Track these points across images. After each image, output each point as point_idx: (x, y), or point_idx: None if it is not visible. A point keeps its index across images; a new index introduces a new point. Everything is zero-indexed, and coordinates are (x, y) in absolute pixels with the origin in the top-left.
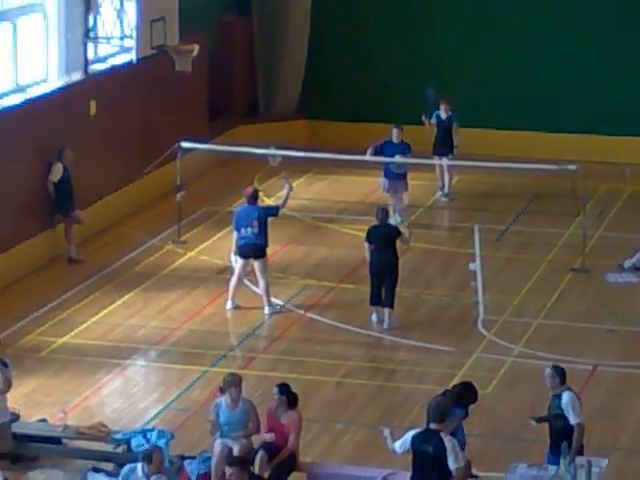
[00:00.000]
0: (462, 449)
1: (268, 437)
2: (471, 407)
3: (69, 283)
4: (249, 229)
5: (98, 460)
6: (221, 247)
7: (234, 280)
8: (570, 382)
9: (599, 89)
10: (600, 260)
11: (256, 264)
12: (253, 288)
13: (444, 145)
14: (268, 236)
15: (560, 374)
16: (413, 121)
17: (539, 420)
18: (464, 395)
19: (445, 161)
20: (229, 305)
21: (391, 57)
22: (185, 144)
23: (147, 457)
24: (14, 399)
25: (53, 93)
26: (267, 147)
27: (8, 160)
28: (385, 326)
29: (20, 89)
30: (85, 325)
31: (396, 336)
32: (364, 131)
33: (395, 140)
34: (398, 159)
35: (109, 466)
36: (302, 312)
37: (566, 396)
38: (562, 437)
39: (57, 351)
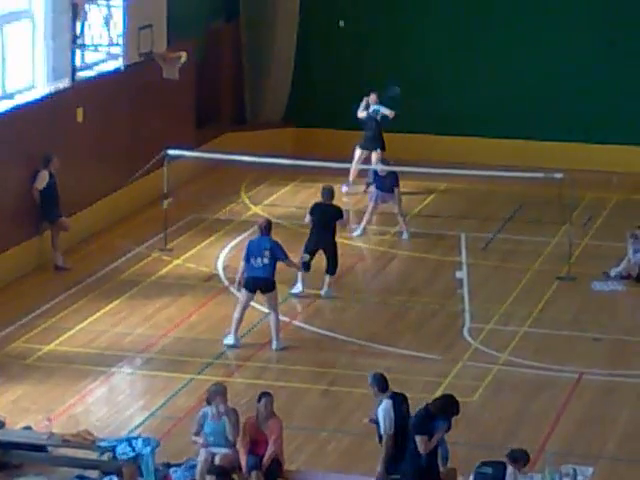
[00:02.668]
0: (446, 460)
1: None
2: (455, 416)
3: (55, 290)
4: (259, 259)
5: (83, 468)
6: (208, 255)
7: (237, 314)
8: (556, 390)
9: (585, 98)
10: (586, 268)
11: (266, 297)
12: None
13: (374, 140)
14: (275, 270)
15: (377, 383)
16: (399, 129)
17: (371, 421)
18: (447, 407)
19: (374, 155)
20: (231, 341)
21: (378, 65)
22: (172, 151)
23: (118, 472)
24: None
25: (40, 100)
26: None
27: None
28: (322, 293)
29: (7, 96)
30: (71, 332)
31: (382, 344)
32: (351, 139)
33: (381, 172)
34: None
35: (94, 474)
36: (288, 320)
37: (381, 406)
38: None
39: (43, 358)
